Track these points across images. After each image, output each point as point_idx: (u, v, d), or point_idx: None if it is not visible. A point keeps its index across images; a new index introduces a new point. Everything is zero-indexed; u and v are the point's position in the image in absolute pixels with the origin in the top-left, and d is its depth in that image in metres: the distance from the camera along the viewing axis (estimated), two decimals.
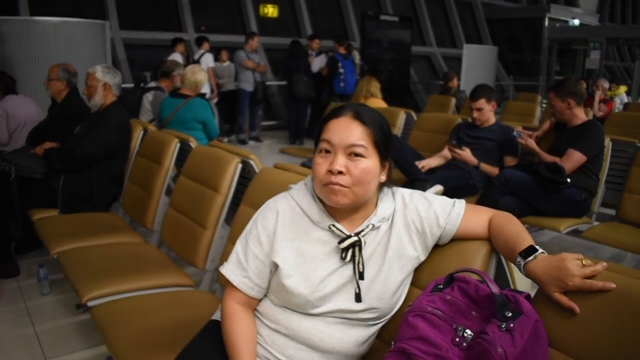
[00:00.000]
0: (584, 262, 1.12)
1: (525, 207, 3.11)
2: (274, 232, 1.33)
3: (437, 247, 1.37)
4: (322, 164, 1.27)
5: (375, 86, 5.30)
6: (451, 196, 1.43)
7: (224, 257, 2.07)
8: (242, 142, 7.80)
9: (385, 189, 1.37)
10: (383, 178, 1.33)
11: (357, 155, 1.25)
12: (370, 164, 1.26)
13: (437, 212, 1.34)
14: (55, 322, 2.67)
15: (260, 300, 1.37)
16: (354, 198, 1.27)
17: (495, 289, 1.12)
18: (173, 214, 2.50)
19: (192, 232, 2.30)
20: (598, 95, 7.12)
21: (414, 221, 1.34)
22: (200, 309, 1.87)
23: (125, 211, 3.10)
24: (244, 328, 1.31)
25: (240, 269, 1.35)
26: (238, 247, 1.38)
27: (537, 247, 1.20)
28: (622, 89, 8.97)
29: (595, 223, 3.31)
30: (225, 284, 1.39)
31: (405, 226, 1.34)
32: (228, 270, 1.37)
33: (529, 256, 1.18)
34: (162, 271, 2.25)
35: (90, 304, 1.98)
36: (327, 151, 1.27)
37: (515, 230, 1.28)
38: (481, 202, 3.07)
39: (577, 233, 3.19)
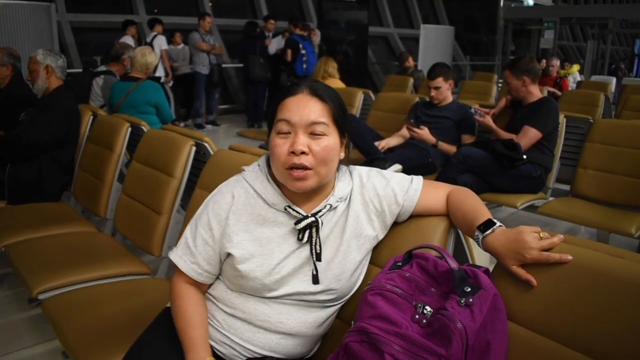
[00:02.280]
0: (541, 235, 1.12)
1: (483, 184, 3.15)
2: (226, 218, 1.28)
3: (395, 224, 1.36)
4: (282, 146, 1.21)
5: (333, 66, 5.26)
6: (410, 174, 1.40)
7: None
8: (199, 126, 7.66)
9: (343, 168, 1.34)
10: (342, 155, 1.29)
11: (318, 133, 1.21)
12: (332, 141, 1.22)
13: (395, 189, 1.32)
14: (7, 318, 2.56)
15: (211, 284, 1.34)
16: (318, 179, 1.22)
17: (453, 264, 1.11)
18: (126, 201, 2.42)
19: (147, 218, 2.23)
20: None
21: (372, 200, 1.31)
22: (157, 297, 1.82)
23: (76, 200, 2.99)
24: (196, 304, 1.29)
25: (189, 254, 1.30)
26: (187, 232, 1.33)
27: (495, 220, 1.19)
28: (575, 67, 9.20)
29: (551, 198, 3.38)
30: (174, 268, 1.35)
31: (364, 205, 1.31)
32: (176, 256, 1.32)
33: (487, 230, 1.17)
34: (116, 260, 2.18)
35: (41, 296, 1.90)
36: (286, 132, 1.21)
37: (473, 204, 1.27)
38: (439, 180, 3.04)
39: (533, 209, 3.24)
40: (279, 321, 1.25)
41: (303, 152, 1.19)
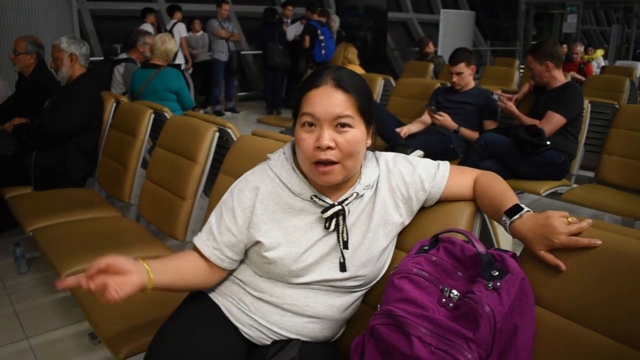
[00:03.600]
0: (569, 220, 1.11)
1: (505, 171, 3.11)
2: (252, 207, 1.28)
3: (421, 209, 1.35)
4: (307, 140, 1.19)
5: (353, 52, 5.23)
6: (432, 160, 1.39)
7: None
8: (218, 113, 7.69)
9: (369, 154, 1.33)
10: (369, 142, 1.28)
11: (344, 125, 1.19)
12: (358, 133, 1.20)
13: (421, 175, 1.31)
14: (35, 301, 2.62)
15: (236, 269, 1.35)
16: (345, 173, 1.22)
17: (481, 248, 1.11)
18: (150, 187, 2.45)
19: (171, 203, 2.26)
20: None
21: (399, 187, 1.31)
22: None
23: (101, 186, 3.03)
24: (178, 259, 1.33)
25: (212, 240, 1.31)
26: (212, 217, 1.34)
27: (522, 205, 1.18)
28: (599, 52, 9.03)
29: (574, 185, 3.33)
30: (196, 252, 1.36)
31: (390, 192, 1.31)
32: (200, 240, 1.33)
33: (515, 215, 1.17)
34: (141, 244, 2.21)
35: None
36: (311, 124, 1.20)
37: (500, 189, 1.26)
38: (462, 165, 3.07)
39: (556, 195, 3.20)
40: (306, 305, 1.26)
41: (329, 147, 1.18)
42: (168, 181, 2.34)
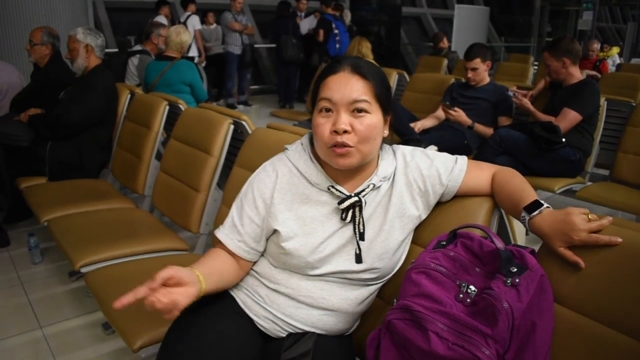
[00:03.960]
0: (589, 217, 1.09)
1: (519, 167, 3.03)
2: (271, 196, 1.29)
3: (438, 204, 1.35)
4: (324, 124, 1.20)
5: (367, 47, 5.19)
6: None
7: (218, 220, 2.04)
8: (231, 106, 7.69)
9: (386, 147, 1.33)
10: (386, 132, 1.28)
11: (360, 111, 1.19)
12: (374, 119, 1.21)
13: (439, 169, 1.30)
14: (49, 291, 2.64)
15: (255, 261, 1.35)
16: (360, 157, 1.22)
17: (500, 244, 1.10)
18: (165, 178, 2.45)
19: (185, 195, 2.26)
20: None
21: (416, 180, 1.30)
22: None
23: (115, 177, 3.05)
24: (214, 259, 1.30)
25: (235, 232, 1.31)
26: (234, 210, 1.34)
27: (542, 201, 1.17)
28: (615, 50, 8.92)
29: (589, 183, 3.30)
30: (217, 245, 1.36)
31: (407, 185, 1.30)
32: (223, 234, 1.33)
33: (534, 211, 1.15)
34: (155, 236, 2.22)
35: (83, 270, 1.95)
36: (328, 110, 1.21)
37: (519, 185, 1.25)
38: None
39: (571, 193, 3.18)
40: (321, 297, 1.26)
41: (345, 131, 1.18)
42: (182, 173, 2.34)
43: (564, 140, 3.02)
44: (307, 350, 1.22)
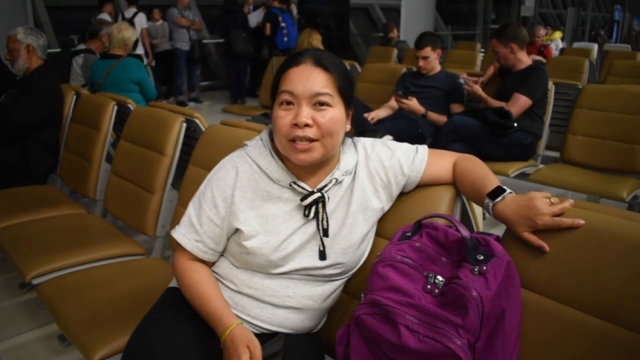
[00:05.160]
0: (552, 200, 1.10)
1: (474, 153, 3.08)
2: (232, 194, 1.24)
3: (401, 194, 1.33)
4: (285, 117, 1.16)
5: (317, 39, 5.18)
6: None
7: (174, 221, 1.97)
8: (181, 103, 7.53)
9: (348, 141, 1.31)
10: (349, 127, 1.26)
11: (322, 104, 1.16)
12: (337, 112, 1.18)
13: (400, 160, 1.29)
14: None
15: (215, 262, 1.31)
16: (323, 151, 1.18)
17: (465, 232, 1.10)
18: (116, 181, 2.37)
19: (139, 198, 2.19)
20: None
21: (378, 172, 1.29)
22: (154, 277, 1.79)
23: (63, 182, 2.92)
24: (205, 277, 1.26)
25: (193, 232, 1.26)
26: (191, 209, 1.29)
27: (504, 187, 1.17)
28: (558, 34, 9.20)
29: (541, 166, 3.38)
30: (176, 247, 1.31)
31: (369, 177, 1.29)
32: (180, 234, 1.28)
33: (497, 197, 1.16)
34: (109, 241, 2.13)
35: (35, 281, 1.86)
36: (289, 103, 1.17)
37: (481, 172, 1.25)
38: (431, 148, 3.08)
39: (524, 176, 3.25)
40: (286, 295, 1.23)
41: (307, 125, 1.15)
42: (135, 175, 2.26)
43: (515, 125, 3.08)
44: (277, 350, 1.19)
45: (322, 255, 1.23)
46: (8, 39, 2.95)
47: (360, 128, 3.40)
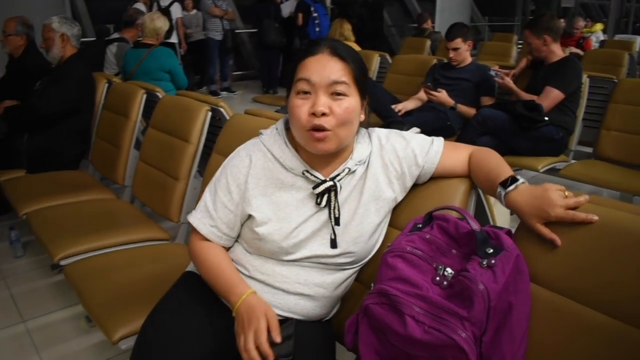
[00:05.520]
0: (566, 194, 1.09)
1: (502, 147, 3.08)
2: (245, 182, 1.27)
3: (415, 186, 1.33)
4: (302, 106, 1.18)
5: (348, 29, 5.16)
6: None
7: None
8: (214, 93, 7.61)
9: (362, 131, 1.31)
10: (363, 117, 1.27)
11: (339, 94, 1.18)
12: (352, 102, 1.19)
13: (415, 150, 1.29)
14: (31, 284, 2.62)
15: (229, 248, 1.34)
16: (338, 142, 1.20)
17: (475, 225, 1.09)
18: (144, 168, 2.42)
19: (165, 184, 2.23)
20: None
21: (392, 162, 1.29)
22: (177, 262, 1.82)
23: (94, 168, 3.01)
24: (220, 252, 1.30)
25: (208, 217, 1.30)
26: (207, 195, 1.32)
27: (518, 177, 1.16)
28: (599, 26, 8.93)
29: (573, 161, 3.30)
30: (192, 230, 1.35)
31: (383, 168, 1.29)
32: (196, 219, 1.32)
33: (510, 185, 1.14)
34: (136, 226, 2.19)
35: (63, 263, 1.92)
36: (306, 92, 1.18)
37: (495, 162, 1.24)
38: (459, 142, 3.04)
39: (554, 171, 3.18)
40: (297, 282, 1.25)
41: (324, 114, 1.16)
42: (161, 162, 2.31)
43: (546, 118, 3.01)
44: (288, 335, 1.21)
45: (333, 244, 1.24)
46: (43, 28, 3.03)
47: (387, 120, 3.40)
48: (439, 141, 1.32)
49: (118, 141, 2.70)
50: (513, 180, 1.16)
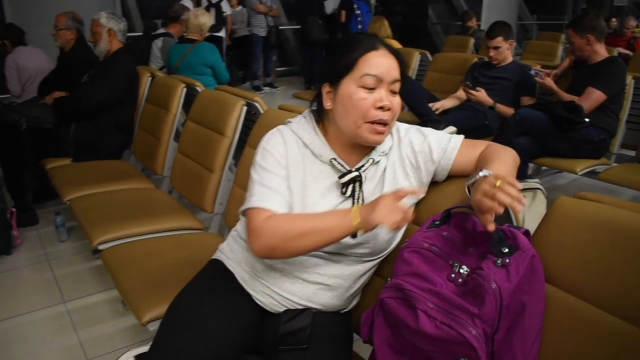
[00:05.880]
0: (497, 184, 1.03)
1: (540, 148, 3.04)
2: (287, 158, 1.29)
3: (435, 183, 1.35)
4: (369, 99, 1.22)
5: (387, 26, 5.14)
6: (466, 137, 1.35)
7: (231, 199, 2.07)
8: (257, 88, 7.72)
9: None
10: None
11: (394, 91, 1.25)
12: (399, 98, 1.26)
13: (431, 146, 1.31)
14: (73, 267, 2.74)
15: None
16: (388, 134, 1.28)
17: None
18: (182, 159, 2.50)
19: (200, 176, 2.30)
20: None
21: (408, 155, 1.32)
22: (207, 250, 1.85)
23: (136, 158, 3.12)
24: (290, 214, 1.25)
25: (271, 194, 1.24)
26: (257, 178, 1.27)
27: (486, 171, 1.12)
28: None
29: (614, 164, 3.22)
30: (249, 215, 1.24)
31: (400, 160, 1.32)
32: (256, 201, 1.23)
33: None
34: (171, 215, 2.28)
35: (101, 247, 2.02)
36: (372, 88, 1.23)
37: (498, 159, 1.20)
38: (495, 142, 2.99)
39: (594, 175, 3.11)
40: (316, 272, 1.28)
41: (389, 109, 1.23)
42: (198, 154, 2.38)
43: (587, 120, 2.94)
44: (304, 325, 1.24)
45: (354, 233, 1.26)
46: (92, 23, 3.16)
47: (424, 118, 3.39)
48: (456, 138, 1.33)
49: (158, 133, 2.80)
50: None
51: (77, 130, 3.08)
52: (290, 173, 1.28)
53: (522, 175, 3.01)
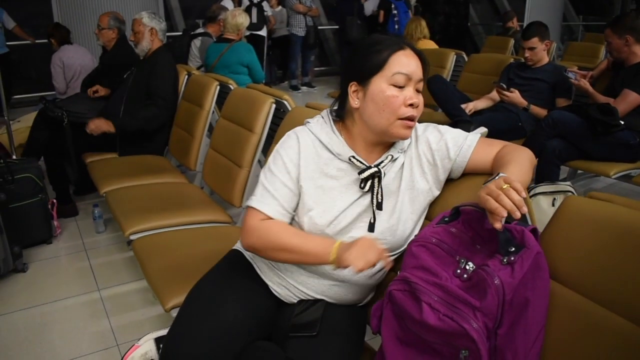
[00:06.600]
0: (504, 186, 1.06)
1: (573, 151, 2.98)
2: (298, 162, 1.33)
3: (451, 181, 1.37)
4: (400, 97, 1.27)
5: (425, 27, 5.13)
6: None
7: None
8: (295, 87, 7.79)
9: None
10: None
11: (418, 90, 1.30)
12: (422, 97, 1.31)
13: (448, 144, 1.33)
14: (108, 257, 2.86)
15: None
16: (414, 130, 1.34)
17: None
18: (213, 155, 2.58)
19: (230, 171, 2.37)
20: None
21: (425, 153, 1.34)
22: (233, 242, 1.92)
23: (172, 154, 3.21)
24: (285, 224, 1.33)
25: (270, 197, 1.32)
26: (263, 179, 1.36)
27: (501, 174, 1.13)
28: None
29: None
30: (248, 213, 1.35)
31: (417, 158, 1.34)
32: (257, 201, 1.32)
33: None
34: (200, 208, 2.35)
35: (132, 237, 2.11)
36: (401, 86, 1.27)
37: (513, 161, 1.20)
38: (528, 144, 2.96)
39: (628, 179, 3.04)
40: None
41: (417, 105, 1.29)
42: (228, 150, 2.45)
43: (622, 123, 2.88)
44: (315, 318, 1.28)
45: (371, 227, 1.30)
46: (133, 22, 3.26)
47: (455, 118, 3.37)
48: (473, 136, 1.34)
49: (192, 129, 2.89)
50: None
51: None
52: (302, 174, 1.32)
53: (553, 177, 2.98)
